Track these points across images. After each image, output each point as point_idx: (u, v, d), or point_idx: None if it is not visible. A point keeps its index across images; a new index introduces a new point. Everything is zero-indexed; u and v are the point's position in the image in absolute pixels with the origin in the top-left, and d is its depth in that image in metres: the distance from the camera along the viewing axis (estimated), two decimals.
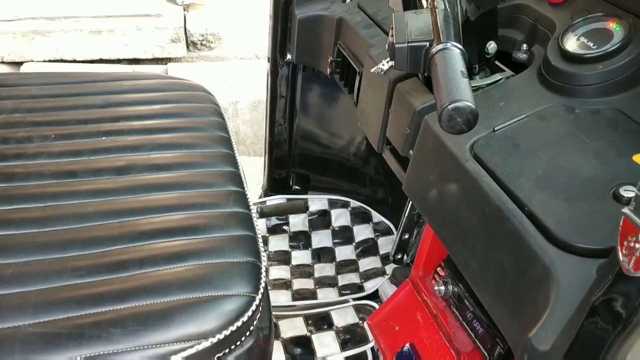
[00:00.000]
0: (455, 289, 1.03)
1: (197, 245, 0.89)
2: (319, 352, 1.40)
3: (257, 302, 0.84)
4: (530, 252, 0.77)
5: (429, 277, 1.12)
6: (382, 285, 1.47)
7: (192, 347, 0.77)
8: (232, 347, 0.83)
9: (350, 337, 1.44)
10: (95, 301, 0.79)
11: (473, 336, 0.99)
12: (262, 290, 0.86)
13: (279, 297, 1.57)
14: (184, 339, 0.77)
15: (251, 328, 0.85)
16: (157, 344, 0.75)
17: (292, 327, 1.45)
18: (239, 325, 0.81)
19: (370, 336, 1.44)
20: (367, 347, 1.42)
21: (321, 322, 1.47)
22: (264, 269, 0.89)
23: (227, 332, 0.80)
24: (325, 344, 1.42)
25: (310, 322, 1.46)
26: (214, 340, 0.79)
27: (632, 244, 0.45)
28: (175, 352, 0.76)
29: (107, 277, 0.83)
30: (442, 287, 1.05)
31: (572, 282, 0.70)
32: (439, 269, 1.07)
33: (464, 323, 1.01)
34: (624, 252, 0.47)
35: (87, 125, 1.14)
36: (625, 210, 0.48)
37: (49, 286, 0.80)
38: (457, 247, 0.93)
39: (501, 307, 0.82)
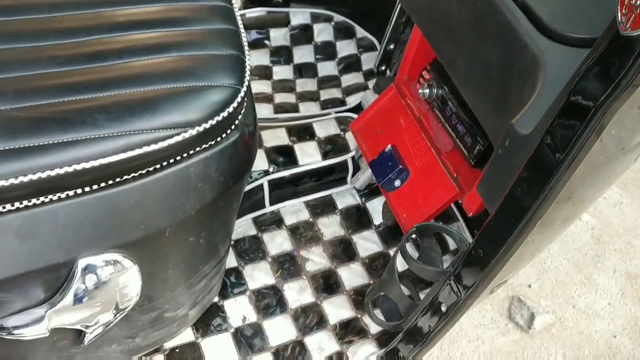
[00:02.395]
0: (440, 92, 1.03)
1: (177, 38, 0.86)
2: (301, 161, 1.44)
3: (242, 94, 0.83)
4: (520, 44, 0.76)
5: (414, 82, 1.12)
6: (365, 95, 1.47)
7: (178, 134, 0.77)
8: (218, 139, 0.84)
9: (331, 147, 1.47)
10: (76, 89, 0.77)
11: (454, 136, 1.01)
12: (246, 83, 0.85)
13: (261, 110, 1.57)
14: (170, 127, 0.77)
15: (236, 122, 0.86)
16: (143, 130, 0.75)
17: (274, 137, 1.47)
18: (225, 115, 0.81)
19: (351, 146, 1.47)
20: (347, 156, 1.46)
21: (303, 132, 1.49)
22: (247, 63, 0.87)
23: (212, 122, 0.80)
24: (307, 153, 1.45)
25: (292, 132, 1.48)
26: (200, 129, 0.79)
27: (633, 1, 0.44)
28: (162, 139, 0.77)
29: (86, 66, 0.80)
30: (427, 90, 1.05)
31: (560, 71, 0.70)
32: (424, 72, 1.07)
33: (446, 125, 1.03)
34: (623, 11, 0.46)
35: None
36: None
37: (26, 73, 0.78)
38: (445, 46, 0.92)
39: (485, 102, 0.83)
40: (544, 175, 0.60)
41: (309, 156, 1.44)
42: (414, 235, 1.06)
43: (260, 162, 1.41)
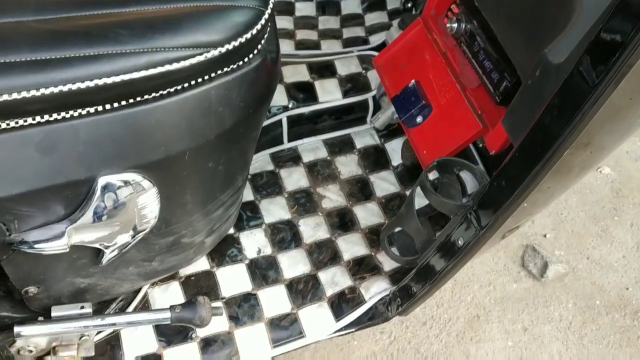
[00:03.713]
0: (468, 26, 1.00)
1: None
2: (321, 98, 1.42)
3: (266, 16, 0.81)
4: None
5: (441, 17, 1.08)
6: (390, 32, 1.44)
7: (200, 54, 0.76)
8: (240, 63, 0.82)
9: (352, 85, 1.45)
10: (98, 3, 0.75)
11: (480, 72, 0.98)
12: (270, 6, 0.83)
13: (282, 46, 1.53)
14: (192, 46, 0.75)
15: (259, 46, 0.84)
16: (165, 47, 0.74)
17: (295, 73, 1.44)
18: (248, 37, 0.79)
19: (372, 85, 1.45)
20: (368, 96, 1.44)
21: (324, 70, 1.46)
22: None
23: (235, 44, 0.78)
24: (328, 90, 1.43)
25: (313, 69, 1.46)
26: (223, 50, 0.77)
27: None
28: (184, 59, 0.75)
29: None
30: (455, 25, 1.02)
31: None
32: (452, 6, 1.03)
33: (473, 60, 1.00)
34: None
35: None
36: None
37: None
38: None
39: (517, 33, 0.80)
40: (576, 101, 0.58)
41: (329, 93, 1.43)
42: (431, 179, 1.05)
43: (280, 97, 1.40)
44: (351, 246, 1.27)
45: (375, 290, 1.17)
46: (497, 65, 0.93)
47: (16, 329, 0.91)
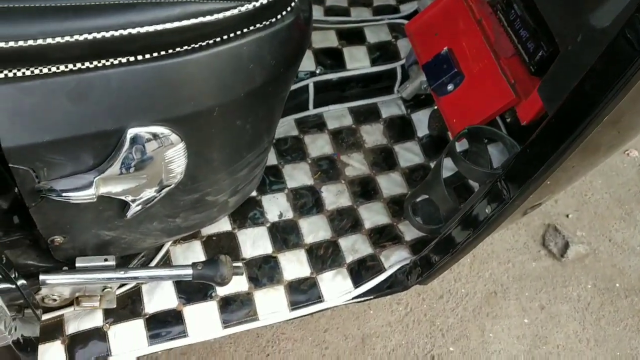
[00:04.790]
0: None
1: None
2: (349, 65, 1.41)
3: None
4: None
5: None
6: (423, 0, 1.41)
7: (234, 7, 0.75)
8: (273, 20, 0.81)
9: (381, 53, 1.43)
10: None
11: (516, 41, 0.96)
12: None
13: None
14: None
15: (292, 4, 0.83)
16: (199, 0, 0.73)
17: (323, 39, 1.43)
18: None
19: (402, 54, 1.43)
20: (397, 64, 1.42)
21: (353, 36, 1.45)
22: None
23: None
24: (356, 57, 1.42)
25: (342, 35, 1.44)
26: (257, 4, 0.76)
27: None
28: (217, 12, 0.74)
29: None
30: None
31: None
32: None
33: (508, 29, 0.98)
34: None
35: None
36: None
37: None
38: None
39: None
40: (619, 67, 0.57)
41: (357, 61, 1.41)
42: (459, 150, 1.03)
43: (308, 63, 1.39)
44: (373, 215, 1.26)
45: (395, 258, 1.17)
46: (534, 34, 0.91)
47: (42, 277, 0.93)
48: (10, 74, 0.70)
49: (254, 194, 1.23)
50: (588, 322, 1.52)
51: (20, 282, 0.84)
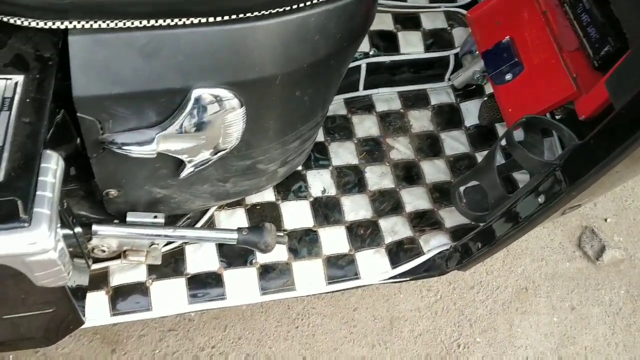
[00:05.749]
0: None
1: None
2: (403, 49, 1.41)
3: None
4: None
5: None
6: None
7: None
8: None
9: (435, 40, 1.43)
10: None
11: (581, 35, 0.96)
12: None
13: None
14: None
15: None
16: None
17: (379, 22, 1.43)
18: None
19: (456, 42, 1.42)
20: (450, 53, 1.42)
21: (409, 21, 1.44)
22: None
23: None
24: (411, 42, 1.42)
25: (398, 19, 1.44)
26: None
27: None
28: None
29: None
30: None
31: None
32: None
33: (575, 22, 0.97)
34: None
35: None
36: None
37: None
38: None
39: None
40: None
41: (411, 46, 1.41)
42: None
43: (362, 44, 1.39)
44: (414, 199, 1.27)
45: (435, 243, 1.18)
46: (602, 29, 0.90)
47: (94, 227, 0.96)
48: (87, 25, 0.72)
49: (299, 168, 1.25)
50: (618, 327, 1.51)
51: (77, 229, 0.87)
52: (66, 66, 0.75)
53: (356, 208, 1.24)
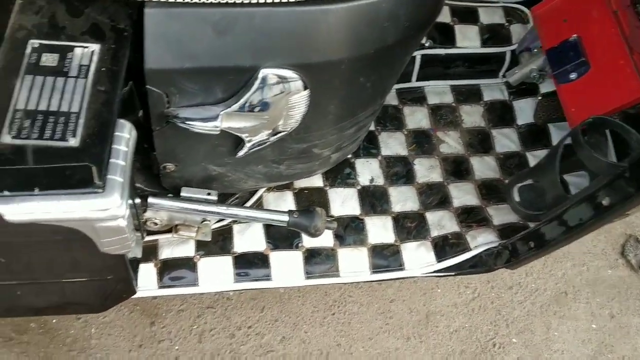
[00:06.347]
0: None
1: None
2: (459, 42, 1.39)
3: None
4: None
5: None
6: None
7: None
8: None
9: (492, 35, 1.41)
10: None
11: None
12: None
13: None
14: None
15: None
16: None
17: None
18: None
19: (514, 39, 1.40)
20: (507, 49, 1.40)
21: (466, 15, 1.43)
22: None
23: None
24: (467, 36, 1.40)
25: (455, 12, 1.42)
26: None
27: None
28: None
29: None
30: None
31: None
32: None
33: None
34: None
35: None
36: None
37: None
38: None
39: None
40: None
41: (467, 39, 1.40)
42: None
43: None
44: (462, 194, 1.26)
45: (482, 240, 1.17)
46: None
47: (150, 199, 0.97)
48: None
49: (349, 155, 1.25)
50: None
51: (137, 200, 0.88)
52: (138, 38, 0.76)
53: (403, 199, 1.24)
